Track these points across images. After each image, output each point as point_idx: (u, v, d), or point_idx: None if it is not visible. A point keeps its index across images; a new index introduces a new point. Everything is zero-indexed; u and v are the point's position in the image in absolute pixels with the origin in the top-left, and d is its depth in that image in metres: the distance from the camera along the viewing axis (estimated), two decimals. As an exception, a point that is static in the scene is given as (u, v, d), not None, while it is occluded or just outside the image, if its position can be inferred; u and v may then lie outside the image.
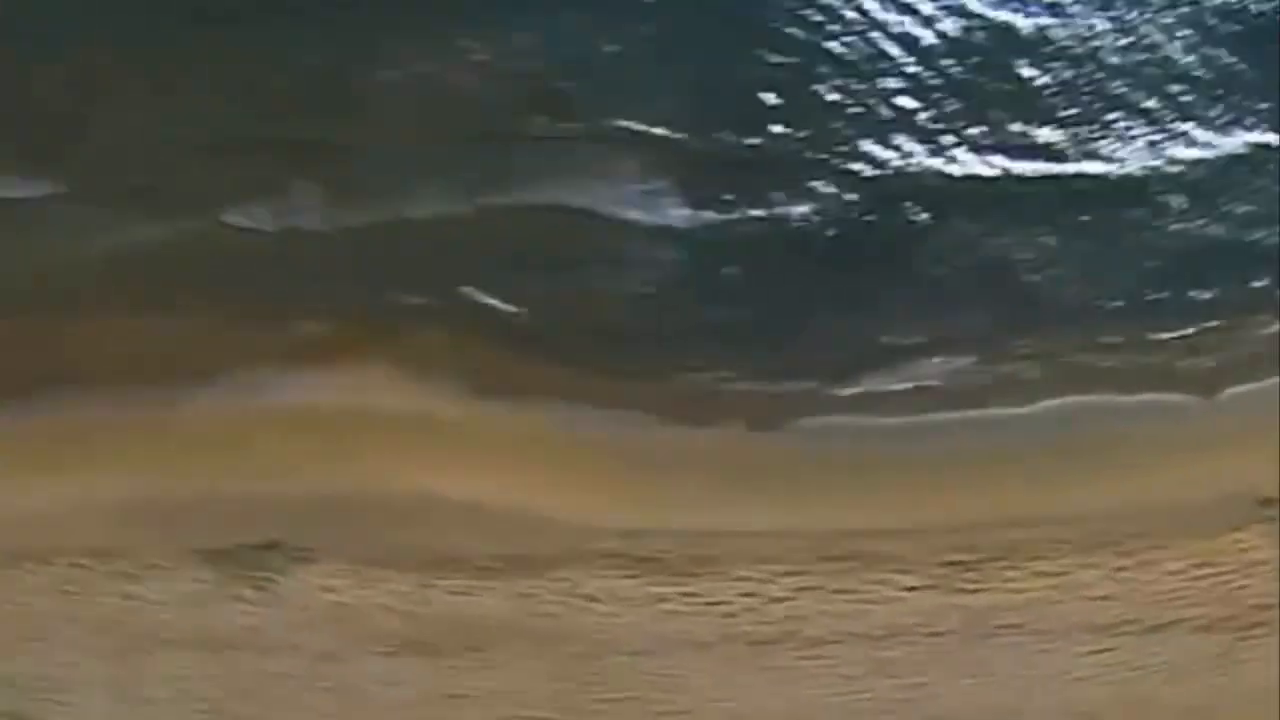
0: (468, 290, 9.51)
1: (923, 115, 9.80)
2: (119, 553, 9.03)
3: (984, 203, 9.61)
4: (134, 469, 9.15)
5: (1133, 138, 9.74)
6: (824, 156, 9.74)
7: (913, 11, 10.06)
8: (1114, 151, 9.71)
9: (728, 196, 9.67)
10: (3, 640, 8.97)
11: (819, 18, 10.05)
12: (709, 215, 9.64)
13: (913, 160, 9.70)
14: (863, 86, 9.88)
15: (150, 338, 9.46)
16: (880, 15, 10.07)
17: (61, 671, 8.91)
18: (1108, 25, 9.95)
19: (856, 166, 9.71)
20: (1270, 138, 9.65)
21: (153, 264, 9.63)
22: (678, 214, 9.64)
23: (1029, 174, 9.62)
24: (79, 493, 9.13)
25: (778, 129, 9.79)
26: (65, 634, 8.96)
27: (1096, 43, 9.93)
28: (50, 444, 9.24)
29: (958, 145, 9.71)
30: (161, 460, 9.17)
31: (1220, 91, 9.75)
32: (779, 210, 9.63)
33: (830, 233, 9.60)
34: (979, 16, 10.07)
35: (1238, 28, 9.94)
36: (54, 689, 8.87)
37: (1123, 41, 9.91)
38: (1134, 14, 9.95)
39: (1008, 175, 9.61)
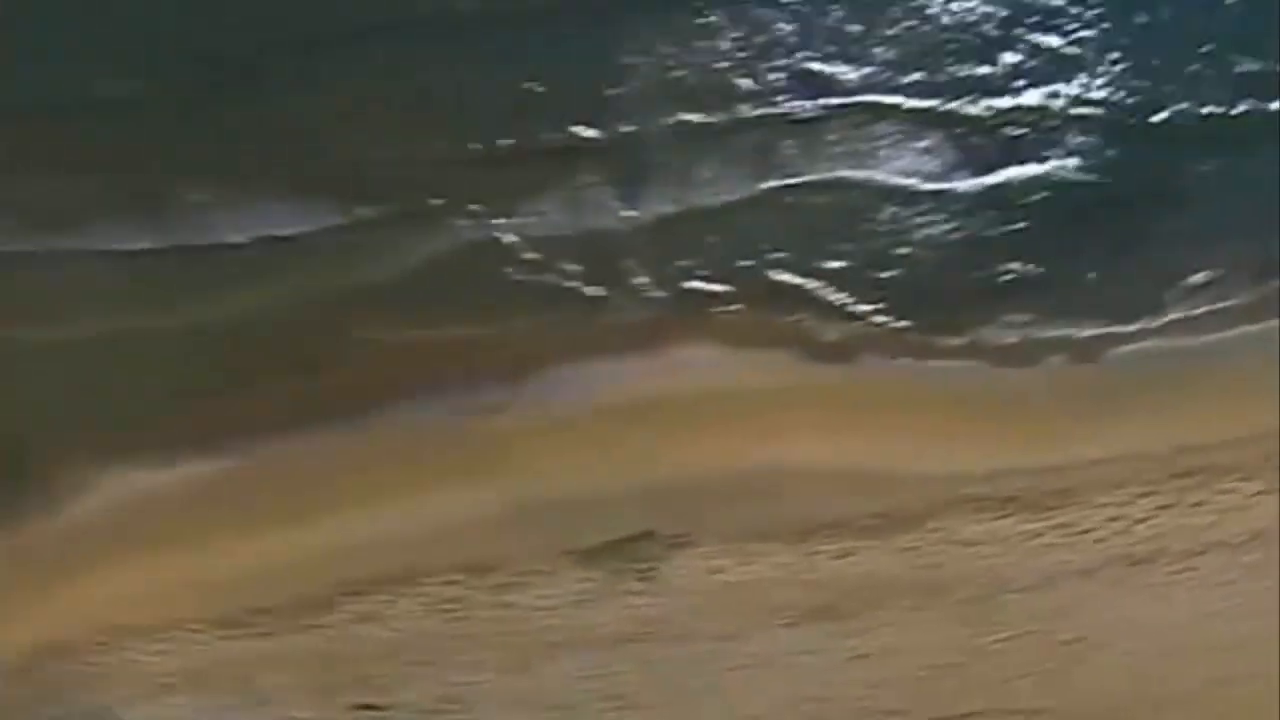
0: (771, 270, 9.63)
1: (1155, 60, 10.33)
2: (492, 565, 8.85)
3: (1236, 138, 10.15)
4: (491, 478, 9.01)
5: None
6: (1078, 109, 10.17)
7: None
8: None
9: (997, 157, 10.02)
10: (390, 669, 8.67)
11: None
12: (984, 177, 9.96)
13: (1160, 105, 10.20)
14: (1091, 35, 10.35)
15: (470, 348, 9.34)
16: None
17: (460, 691, 8.65)
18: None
19: (1110, 116, 10.17)
20: None
21: (453, 277, 9.54)
22: (954, 178, 9.95)
23: (1273, 109, 10.20)
24: (437, 510, 8.94)
25: (1025, 85, 10.20)
26: (454, 653, 8.71)
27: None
28: (395, 465, 9.03)
29: (1198, 87, 10.25)
30: (515, 466, 9.04)
31: None
32: (1049, 165, 10.01)
33: (1101, 181, 10.00)
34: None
35: None
36: (458, 709, 8.60)
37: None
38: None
39: (1254, 111, 10.18)
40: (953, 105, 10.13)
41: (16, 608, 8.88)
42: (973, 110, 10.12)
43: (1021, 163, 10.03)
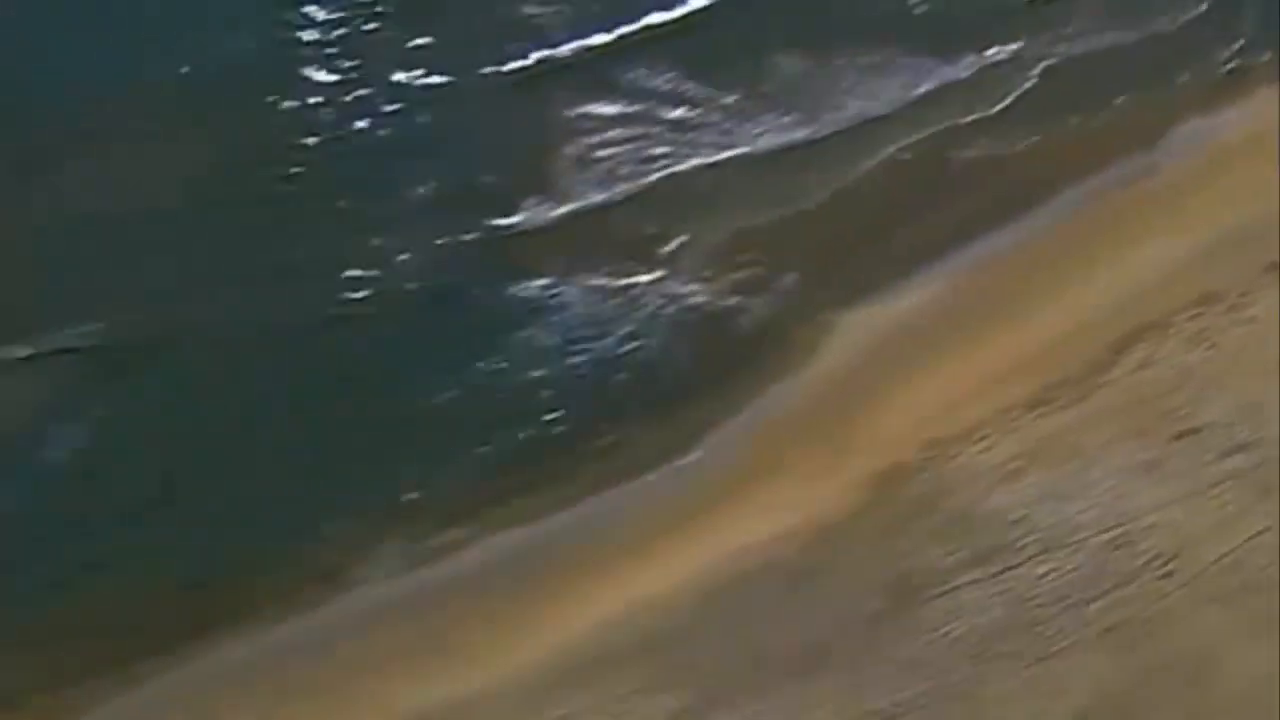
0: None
1: None
2: (1217, 294, 10.03)
3: None
4: (1174, 226, 10.32)
5: None
6: None
7: None
8: None
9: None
10: (1184, 399, 9.63)
11: None
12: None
13: None
14: None
15: (1097, 135, 10.60)
16: None
17: (1250, 400, 9.62)
18: None
19: None
20: None
21: (1049, 93, 10.78)
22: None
23: None
24: (1152, 264, 10.12)
25: None
26: (1227, 372, 9.75)
27: None
28: (1090, 240, 10.27)
29: None
30: (1189, 211, 10.40)
31: None
32: None
33: None
34: None
35: None
36: (1259, 414, 9.58)
37: None
38: None
39: None
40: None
41: (825, 451, 9.37)
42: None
43: None
